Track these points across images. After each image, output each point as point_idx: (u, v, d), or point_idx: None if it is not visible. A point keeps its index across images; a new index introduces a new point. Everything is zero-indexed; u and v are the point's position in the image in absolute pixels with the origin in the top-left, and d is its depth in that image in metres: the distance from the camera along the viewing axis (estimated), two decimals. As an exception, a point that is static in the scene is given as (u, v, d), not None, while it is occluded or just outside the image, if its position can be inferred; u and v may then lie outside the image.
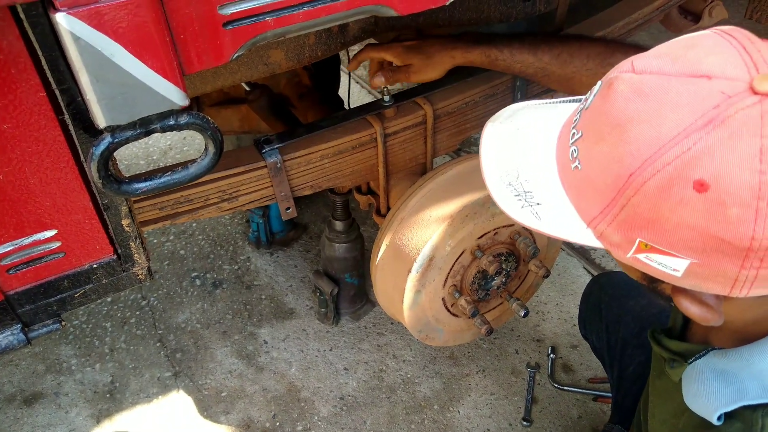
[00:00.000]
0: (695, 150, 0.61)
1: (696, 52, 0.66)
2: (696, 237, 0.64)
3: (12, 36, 0.75)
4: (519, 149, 0.84)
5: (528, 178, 0.80)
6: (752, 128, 0.60)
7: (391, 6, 0.90)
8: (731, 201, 0.61)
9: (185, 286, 2.27)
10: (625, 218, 0.68)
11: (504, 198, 0.80)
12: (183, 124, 0.82)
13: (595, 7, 1.83)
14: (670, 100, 0.64)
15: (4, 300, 0.99)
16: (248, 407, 1.89)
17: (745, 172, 0.60)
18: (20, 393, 1.94)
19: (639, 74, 0.68)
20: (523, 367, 1.97)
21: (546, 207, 0.77)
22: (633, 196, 0.66)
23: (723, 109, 0.61)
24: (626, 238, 0.69)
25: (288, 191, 1.44)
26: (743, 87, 0.61)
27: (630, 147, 0.65)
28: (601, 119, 0.70)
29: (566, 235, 0.75)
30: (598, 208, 0.70)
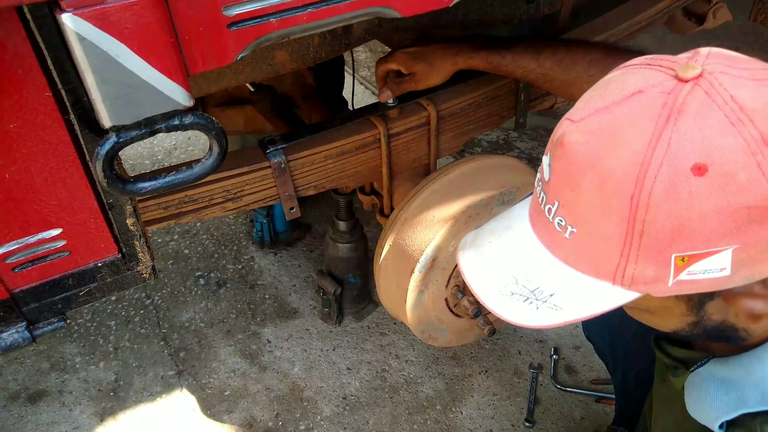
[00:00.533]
0: (674, 144, 0.63)
1: (615, 83, 0.70)
2: (724, 219, 0.63)
3: (18, 36, 0.76)
4: (502, 259, 0.81)
5: (528, 276, 0.77)
6: (707, 105, 0.63)
7: (394, 7, 0.91)
8: (733, 168, 0.62)
9: (189, 285, 2.28)
10: (649, 243, 0.66)
11: (516, 310, 0.76)
12: (187, 124, 0.83)
13: (599, 9, 1.83)
14: (622, 122, 0.67)
15: (10, 298, 1.00)
16: (251, 406, 1.90)
17: (727, 138, 0.62)
18: (25, 391, 1.95)
19: (580, 121, 0.70)
20: (525, 368, 1.98)
21: (561, 294, 0.74)
22: (646, 215, 0.65)
23: (672, 104, 0.64)
24: (661, 264, 0.67)
25: (292, 191, 1.44)
26: (673, 82, 0.66)
27: (615, 176, 0.66)
28: (570, 175, 0.70)
29: (597, 308, 0.72)
30: (617, 253, 0.68)
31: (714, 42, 0.75)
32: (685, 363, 0.92)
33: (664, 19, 1.82)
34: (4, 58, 0.77)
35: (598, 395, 1.89)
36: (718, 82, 0.64)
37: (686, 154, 0.63)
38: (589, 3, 1.82)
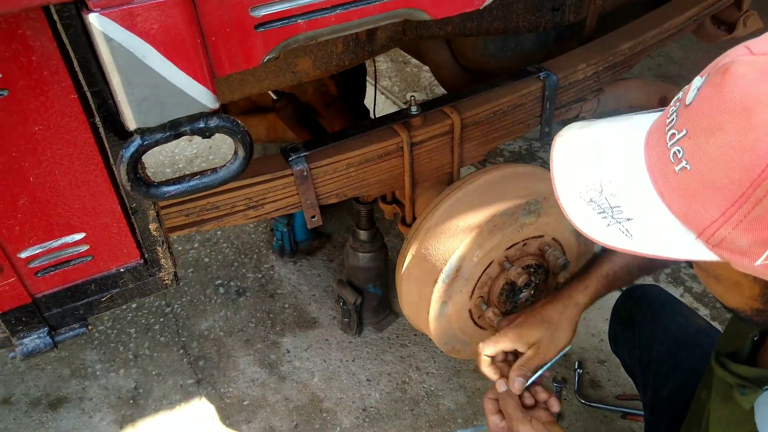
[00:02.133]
0: None
1: None
2: None
3: (45, 37, 0.76)
4: (599, 162, 0.75)
5: (614, 191, 0.71)
6: None
7: (424, 9, 0.89)
8: None
9: (209, 293, 2.27)
10: (760, 215, 0.60)
11: (584, 217, 0.72)
12: (213, 127, 0.82)
13: (625, 16, 1.80)
14: None
15: (32, 303, 0.99)
16: (270, 417, 1.88)
17: None
18: (45, 397, 1.95)
19: (760, 55, 0.62)
20: (549, 382, 1.93)
21: (639, 222, 0.69)
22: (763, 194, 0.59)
23: None
24: (759, 240, 0.61)
25: (314, 199, 1.43)
26: None
27: (760, 131, 0.58)
28: (716, 109, 0.62)
29: (667, 251, 0.67)
30: (720, 209, 0.62)
31: None
32: (756, 381, 0.86)
33: (692, 27, 1.79)
34: (31, 60, 0.76)
35: (624, 411, 1.84)
36: None
37: None
38: (615, 10, 1.79)
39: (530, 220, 1.43)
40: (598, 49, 1.66)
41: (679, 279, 2.25)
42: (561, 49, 1.75)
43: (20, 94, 0.79)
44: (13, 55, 0.75)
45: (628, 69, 1.74)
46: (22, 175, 0.86)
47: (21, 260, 0.94)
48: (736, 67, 0.62)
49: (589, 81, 1.66)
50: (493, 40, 1.74)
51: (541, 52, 1.79)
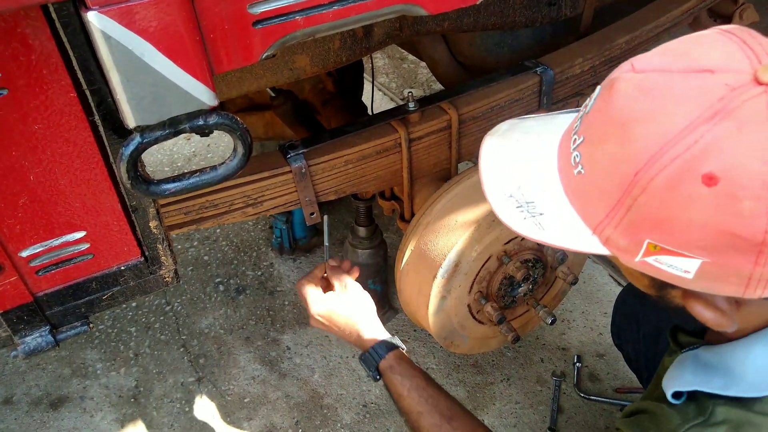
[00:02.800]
0: (703, 143, 0.60)
1: (698, 49, 0.66)
2: (708, 234, 0.62)
3: (44, 36, 0.76)
4: (519, 161, 0.83)
5: (529, 188, 0.79)
6: (760, 118, 0.59)
7: (421, 5, 0.89)
8: (743, 194, 0.59)
9: (209, 291, 2.27)
10: (632, 219, 0.67)
11: (505, 211, 0.79)
12: (212, 124, 0.82)
13: (621, 11, 1.81)
14: (674, 95, 0.63)
15: (33, 301, 1.00)
16: (271, 413, 1.89)
17: (756, 163, 0.59)
18: (47, 396, 1.96)
19: (640, 72, 0.67)
20: (548, 376, 1.94)
21: (549, 217, 0.76)
22: (640, 195, 0.65)
23: (729, 101, 0.60)
24: (634, 241, 0.68)
25: (312, 196, 1.43)
26: (748, 78, 0.61)
27: (635, 145, 0.64)
28: (603, 120, 0.69)
29: (571, 244, 0.73)
30: (604, 211, 0.69)
31: None
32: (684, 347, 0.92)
33: (689, 20, 1.80)
34: (30, 58, 0.77)
35: (623, 404, 1.85)
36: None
37: (707, 160, 0.60)
38: (611, 5, 1.80)
39: (528, 214, 1.44)
40: (594, 43, 1.67)
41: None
42: (558, 44, 1.75)
43: (20, 93, 0.79)
44: (12, 54, 0.75)
45: (625, 63, 1.74)
46: (23, 174, 0.86)
47: (22, 259, 0.94)
48: (619, 83, 0.68)
49: (586, 75, 1.67)
50: (489, 35, 1.74)
51: (537, 47, 1.80)
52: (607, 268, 2.26)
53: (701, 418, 0.77)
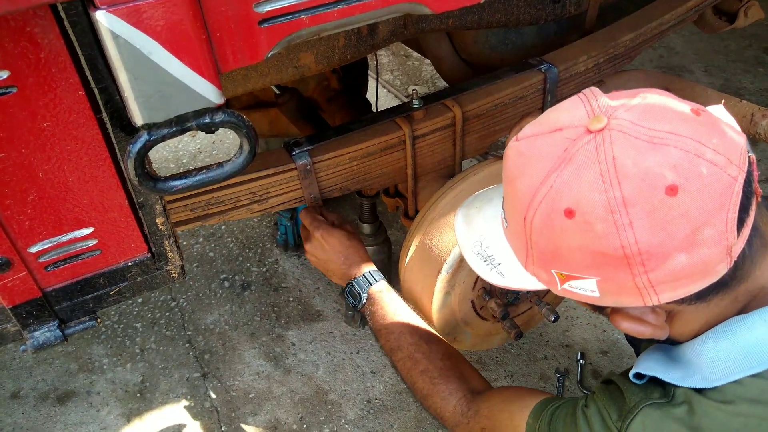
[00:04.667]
0: (556, 186, 0.75)
1: (555, 113, 0.82)
2: (585, 256, 0.76)
3: (53, 35, 0.77)
4: (479, 224, 1.01)
5: (488, 244, 0.96)
6: (591, 158, 0.74)
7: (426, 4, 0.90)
8: (593, 219, 0.73)
9: (214, 287, 2.29)
10: (538, 256, 0.82)
11: (477, 266, 0.97)
12: (218, 122, 0.83)
13: (625, 8, 1.81)
14: (536, 154, 0.79)
15: (42, 297, 1.01)
16: (276, 409, 1.90)
17: (594, 193, 0.73)
18: (54, 391, 1.98)
19: (519, 140, 0.83)
20: (551, 373, 1.95)
21: (505, 265, 0.92)
22: (531, 235, 0.80)
23: (569, 151, 0.76)
24: (548, 273, 0.82)
25: (317, 193, 1.44)
26: (582, 131, 0.76)
27: (518, 196, 0.80)
28: (504, 181, 0.86)
29: (526, 285, 0.88)
30: (524, 253, 0.85)
31: (744, 41, 0.75)
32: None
33: (694, 17, 1.79)
34: (39, 57, 0.78)
35: (627, 401, 1.86)
36: (610, 140, 0.73)
37: (562, 198, 0.75)
38: (616, 2, 1.80)
39: (532, 211, 1.44)
40: (599, 41, 1.67)
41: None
42: (562, 41, 1.76)
43: (29, 91, 0.80)
44: (22, 53, 0.76)
45: (630, 61, 1.74)
46: (32, 171, 0.87)
47: (31, 255, 0.95)
48: (507, 151, 0.85)
49: (590, 73, 1.67)
50: (494, 33, 1.75)
51: (542, 44, 1.80)
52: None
53: (664, 399, 0.86)
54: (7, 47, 0.76)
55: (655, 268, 0.73)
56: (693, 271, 0.74)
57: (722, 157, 0.72)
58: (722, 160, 0.71)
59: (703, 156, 0.71)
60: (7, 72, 0.77)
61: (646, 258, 0.72)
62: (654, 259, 0.72)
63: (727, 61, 3.28)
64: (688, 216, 0.70)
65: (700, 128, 0.73)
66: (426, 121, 1.49)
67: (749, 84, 3.15)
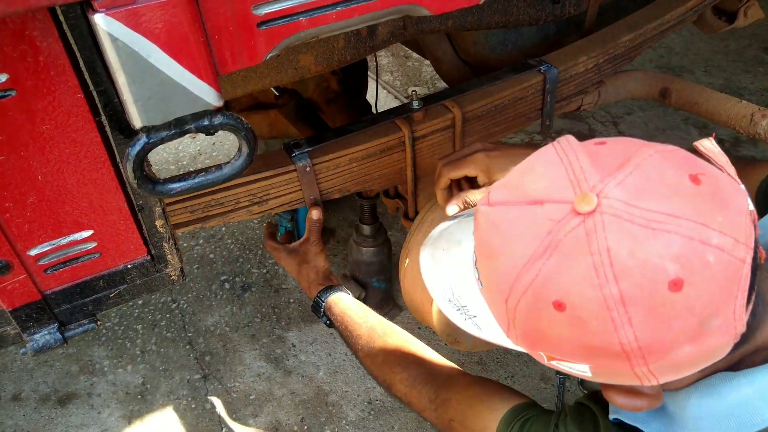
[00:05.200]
0: (542, 275, 0.66)
1: (530, 178, 0.72)
2: (577, 347, 0.68)
3: (51, 38, 0.77)
4: (448, 269, 0.90)
5: (460, 294, 0.86)
6: (581, 248, 0.64)
7: (424, 5, 0.90)
8: (587, 315, 0.65)
9: (214, 289, 2.29)
10: (522, 335, 0.73)
11: (450, 313, 0.87)
12: (217, 124, 0.83)
13: (625, 8, 1.81)
14: (514, 231, 0.70)
15: (42, 299, 1.01)
16: (276, 410, 1.90)
17: (587, 289, 0.64)
18: (54, 393, 1.98)
19: (491, 206, 0.74)
20: (552, 374, 1.95)
21: (480, 319, 0.82)
22: (514, 318, 0.71)
23: (554, 235, 0.66)
24: (533, 351, 0.74)
25: (317, 195, 1.44)
26: (568, 209, 0.66)
27: (498, 276, 0.71)
28: (478, 247, 0.77)
29: (506, 343, 0.79)
30: (505, 326, 0.75)
31: (744, 41, 0.73)
32: None
33: (693, 17, 1.79)
34: (38, 60, 0.78)
35: (628, 401, 1.85)
36: (603, 227, 0.64)
37: (550, 290, 0.66)
38: (615, 2, 1.80)
39: (532, 212, 1.44)
40: (598, 41, 1.67)
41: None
42: (562, 41, 1.76)
43: (28, 94, 0.80)
44: (20, 56, 0.76)
45: (629, 61, 1.74)
46: (31, 174, 0.87)
47: (30, 258, 0.95)
48: (479, 217, 0.76)
49: (589, 73, 1.67)
50: (493, 33, 1.75)
51: (541, 45, 1.80)
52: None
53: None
54: (5, 50, 0.76)
55: (656, 360, 0.66)
56: (698, 358, 0.68)
57: (729, 238, 0.63)
58: (729, 242, 0.63)
59: (709, 242, 0.63)
60: (6, 75, 0.77)
61: (646, 353, 0.65)
62: (656, 353, 0.66)
63: (727, 61, 3.28)
64: (693, 310, 0.63)
65: (702, 205, 0.64)
66: (426, 123, 1.49)
67: (749, 84, 3.15)
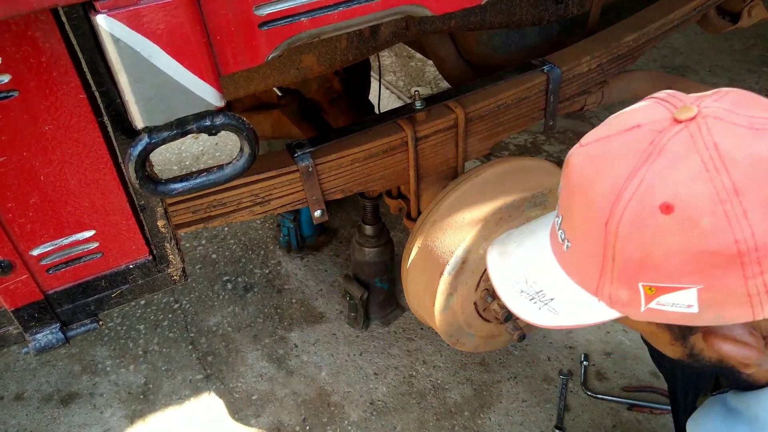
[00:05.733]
0: (647, 181, 0.66)
1: (626, 114, 0.75)
2: (687, 259, 0.66)
3: (54, 39, 0.77)
4: (521, 259, 0.90)
5: (535, 279, 0.84)
6: (687, 147, 0.66)
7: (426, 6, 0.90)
8: (698, 213, 0.64)
9: (217, 289, 2.29)
10: (621, 269, 0.71)
11: (521, 306, 0.84)
12: (219, 124, 0.83)
13: (628, 9, 1.80)
14: (613, 153, 0.71)
15: (44, 299, 1.01)
16: (278, 411, 1.90)
17: (697, 184, 0.64)
18: (57, 393, 1.98)
19: (585, 145, 0.76)
20: (555, 374, 1.94)
21: (559, 300, 0.80)
22: (616, 242, 0.69)
23: (657, 143, 0.68)
24: (631, 289, 0.71)
25: (319, 195, 1.44)
26: (668, 122, 0.69)
27: (597, 202, 0.71)
28: (567, 194, 0.77)
29: (585, 319, 0.77)
30: (597, 272, 0.73)
31: (748, 41, 0.74)
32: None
33: (697, 17, 1.79)
34: (41, 61, 0.78)
35: (631, 403, 1.85)
36: (707, 128, 0.66)
37: (656, 193, 0.66)
38: (618, 2, 1.79)
39: (536, 212, 1.44)
40: (602, 41, 1.67)
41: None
42: (565, 42, 1.75)
43: (31, 95, 0.80)
44: (23, 57, 0.77)
45: (633, 61, 1.74)
46: (34, 174, 0.88)
47: (33, 257, 0.95)
48: (572, 159, 0.77)
49: (593, 73, 1.66)
50: (496, 33, 1.75)
51: (544, 45, 1.80)
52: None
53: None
54: (8, 51, 0.76)
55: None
56: None
57: None
58: None
59: None
60: (9, 76, 0.78)
61: (763, 254, 0.63)
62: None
63: (731, 61, 3.26)
64: None
65: None
66: (428, 123, 1.49)
67: (754, 84, 3.14)
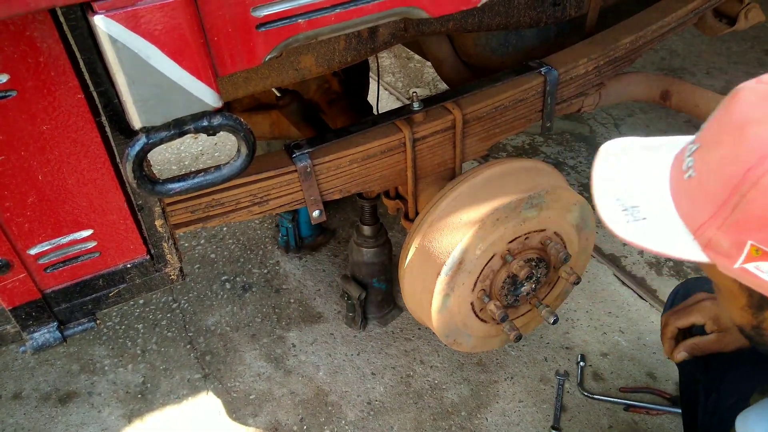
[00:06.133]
0: None
1: None
2: None
3: (52, 39, 0.78)
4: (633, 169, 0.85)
5: (637, 192, 0.81)
6: None
7: (423, 8, 0.90)
8: None
9: (215, 289, 2.29)
10: (737, 219, 0.68)
11: (611, 212, 0.81)
12: (216, 125, 0.83)
13: (625, 11, 1.81)
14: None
15: (41, 298, 1.01)
16: (276, 410, 1.90)
17: None
18: (55, 392, 1.98)
19: (763, 83, 0.71)
20: (552, 375, 1.95)
21: (651, 222, 0.77)
22: (749, 191, 0.66)
23: None
24: (737, 242, 0.68)
25: (317, 195, 1.44)
26: None
27: (748, 144, 0.67)
28: (721, 125, 0.72)
29: (669, 251, 0.75)
30: (709, 212, 0.70)
31: (746, 43, 0.74)
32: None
33: (694, 20, 1.79)
34: (39, 61, 0.78)
35: (627, 403, 1.85)
36: None
37: None
38: (616, 5, 1.80)
39: (532, 214, 1.44)
40: (599, 43, 1.67)
41: (681, 272, 2.26)
42: (562, 44, 1.76)
43: (28, 95, 0.81)
44: (21, 57, 0.77)
45: (630, 63, 1.74)
46: (31, 174, 0.88)
47: (30, 256, 0.96)
48: (743, 92, 0.71)
49: (590, 75, 1.67)
50: (494, 35, 1.75)
51: (542, 47, 1.80)
52: (611, 268, 2.26)
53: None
54: (6, 51, 0.76)
55: None
56: None
57: None
58: None
59: None
60: (7, 75, 0.78)
61: None
62: None
63: (728, 63, 3.27)
64: None
65: None
66: (426, 124, 1.49)
67: (752, 86, 3.14)
